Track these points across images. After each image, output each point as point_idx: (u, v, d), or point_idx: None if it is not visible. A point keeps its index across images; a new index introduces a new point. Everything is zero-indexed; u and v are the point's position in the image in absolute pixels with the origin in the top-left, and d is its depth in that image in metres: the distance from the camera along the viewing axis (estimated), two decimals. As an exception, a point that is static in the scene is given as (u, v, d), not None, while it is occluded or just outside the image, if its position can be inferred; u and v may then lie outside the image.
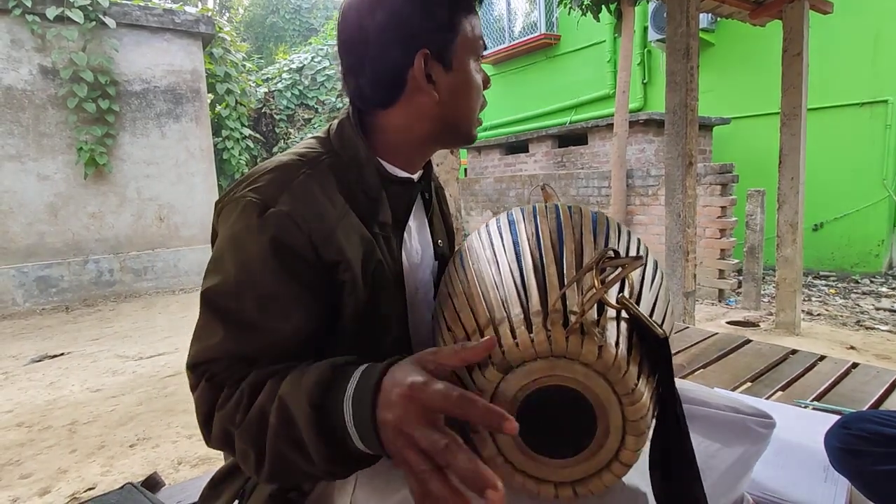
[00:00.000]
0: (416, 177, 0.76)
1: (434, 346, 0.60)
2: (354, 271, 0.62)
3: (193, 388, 0.60)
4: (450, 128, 0.72)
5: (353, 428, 0.48)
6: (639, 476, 0.54)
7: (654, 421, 0.51)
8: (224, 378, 0.58)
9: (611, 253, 0.50)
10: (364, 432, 0.47)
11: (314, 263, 0.60)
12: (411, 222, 0.75)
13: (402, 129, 0.70)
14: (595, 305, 0.49)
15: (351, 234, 0.63)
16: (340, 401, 0.49)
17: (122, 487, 1.05)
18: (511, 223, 0.66)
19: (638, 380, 0.46)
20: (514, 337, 0.48)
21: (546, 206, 0.69)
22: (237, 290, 0.59)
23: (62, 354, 3.49)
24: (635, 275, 0.58)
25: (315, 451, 0.50)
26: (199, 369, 0.59)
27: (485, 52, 0.76)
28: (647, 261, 0.63)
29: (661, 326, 0.49)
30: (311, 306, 0.60)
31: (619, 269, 0.49)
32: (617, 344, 0.47)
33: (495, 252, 0.62)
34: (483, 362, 0.48)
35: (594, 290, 0.47)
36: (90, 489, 1.84)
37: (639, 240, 0.68)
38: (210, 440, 0.59)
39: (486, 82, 0.74)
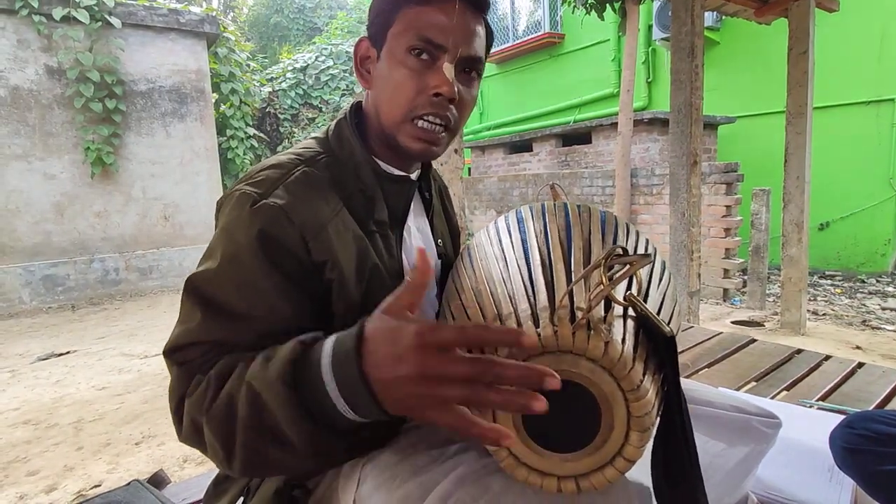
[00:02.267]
0: (413, 175, 0.76)
1: None
2: (342, 270, 0.62)
3: (169, 372, 0.59)
4: (381, 125, 0.68)
5: (338, 397, 0.45)
6: (642, 472, 0.54)
7: (658, 418, 0.51)
8: (197, 365, 0.57)
9: (619, 250, 0.51)
10: (355, 397, 0.44)
11: (303, 258, 0.60)
12: (411, 221, 0.75)
13: (371, 124, 0.71)
14: (602, 302, 0.49)
15: (343, 232, 0.64)
16: (318, 372, 0.46)
17: (128, 484, 1.07)
18: (520, 221, 0.67)
19: (643, 376, 0.47)
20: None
21: (555, 205, 0.69)
22: (220, 277, 0.59)
23: (68, 353, 3.51)
24: (643, 273, 0.58)
25: (296, 434, 0.48)
26: (174, 355, 0.58)
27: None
28: (654, 260, 0.63)
29: (668, 325, 0.49)
30: (297, 301, 0.60)
31: (627, 267, 0.49)
32: (623, 340, 0.47)
33: (503, 249, 0.62)
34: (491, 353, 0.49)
35: (602, 287, 0.47)
36: (96, 486, 1.85)
37: (647, 239, 0.68)
38: (180, 433, 0.57)
39: (441, 87, 0.63)
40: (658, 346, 0.49)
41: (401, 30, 0.64)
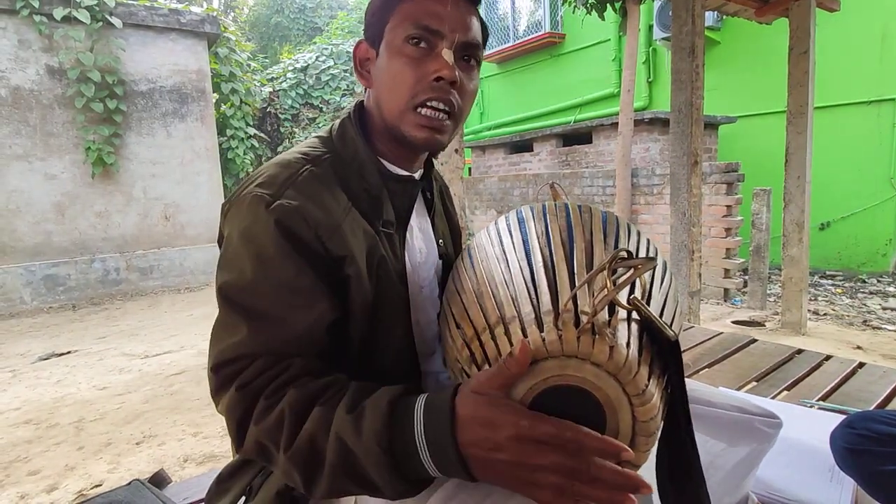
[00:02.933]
0: (416, 175, 0.76)
1: (441, 342, 0.60)
2: (359, 266, 0.62)
3: (217, 390, 0.58)
4: (384, 120, 0.69)
5: (433, 468, 0.48)
6: (647, 475, 0.54)
7: (662, 422, 0.51)
8: (258, 386, 0.56)
9: (623, 254, 0.50)
10: (448, 469, 0.48)
11: (324, 256, 0.60)
12: (413, 221, 0.75)
13: (374, 122, 0.72)
14: (606, 306, 0.49)
15: (356, 229, 0.64)
16: (413, 444, 0.49)
17: (129, 484, 1.07)
18: (521, 221, 0.66)
19: (648, 381, 0.46)
20: (526, 336, 0.49)
21: (556, 205, 0.68)
22: (256, 283, 0.58)
23: (69, 353, 3.52)
24: (646, 276, 0.58)
25: (385, 484, 0.50)
26: (225, 370, 0.57)
27: (489, 51, 0.74)
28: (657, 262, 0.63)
29: (671, 328, 0.49)
30: (329, 297, 0.60)
31: (632, 271, 0.49)
32: (628, 345, 0.47)
33: (505, 250, 0.62)
34: (494, 361, 0.49)
35: (606, 291, 0.47)
36: (97, 486, 1.85)
37: (648, 240, 0.67)
38: (241, 449, 0.57)
39: (441, 70, 0.63)
40: (662, 349, 0.49)
41: (397, 23, 0.65)
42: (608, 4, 3.93)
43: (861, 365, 1.63)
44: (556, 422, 0.44)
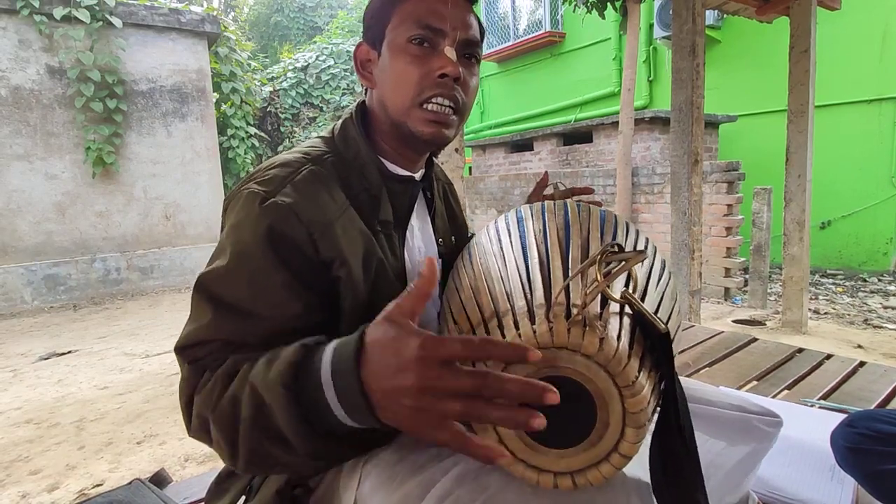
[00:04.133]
0: (417, 175, 0.77)
1: None
2: (351, 268, 0.62)
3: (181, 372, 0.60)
4: (390, 119, 0.69)
5: (336, 405, 0.46)
6: (640, 468, 0.54)
7: (655, 415, 0.51)
8: (207, 362, 0.58)
9: (615, 247, 0.51)
10: (352, 405, 0.44)
11: (311, 256, 0.60)
12: (413, 221, 0.76)
13: (377, 123, 0.72)
14: (599, 299, 0.49)
15: (350, 230, 0.64)
16: (317, 377, 0.46)
17: (129, 483, 1.07)
18: (519, 220, 0.67)
19: (639, 373, 0.47)
20: (517, 328, 0.49)
21: (555, 204, 0.69)
22: (229, 274, 0.59)
23: (70, 352, 3.52)
24: (641, 272, 0.58)
25: (294, 435, 0.48)
26: (185, 352, 0.59)
27: (489, 51, 0.75)
28: (654, 259, 0.63)
29: (665, 323, 0.49)
30: (307, 299, 0.60)
31: (623, 263, 0.49)
32: (619, 337, 0.47)
33: (502, 248, 0.62)
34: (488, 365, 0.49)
35: (597, 284, 0.48)
36: (98, 485, 1.85)
37: (647, 238, 0.68)
38: (189, 428, 0.59)
39: (445, 67, 0.65)
40: (655, 344, 0.49)
41: (399, 22, 0.66)
42: (608, 3, 3.93)
43: (862, 364, 1.63)
44: (462, 336, 0.41)
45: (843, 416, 0.96)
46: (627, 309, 0.51)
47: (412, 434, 0.43)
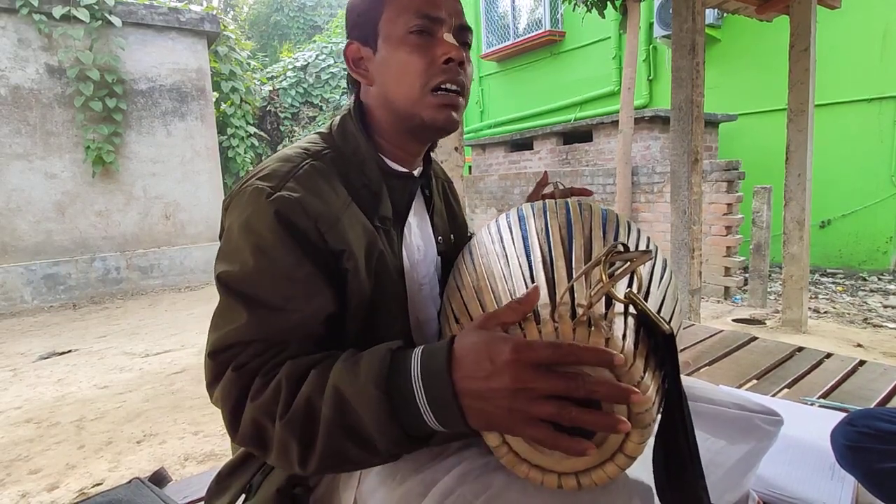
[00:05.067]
0: (416, 172, 0.77)
1: (441, 339, 0.60)
2: (358, 260, 0.62)
3: (215, 377, 0.58)
4: (396, 112, 0.69)
5: (427, 410, 0.48)
6: (643, 470, 0.54)
7: (659, 415, 0.51)
8: (255, 366, 0.56)
9: (619, 247, 0.51)
10: (442, 408, 0.47)
11: (323, 248, 0.61)
12: (411, 218, 0.75)
13: (376, 120, 0.72)
14: (603, 299, 0.49)
15: (355, 223, 0.64)
16: (408, 380, 0.49)
17: (129, 482, 1.07)
18: (521, 219, 0.67)
19: (644, 373, 0.47)
20: (522, 328, 0.49)
21: (556, 202, 0.69)
22: (256, 273, 0.58)
23: (70, 352, 3.52)
24: (644, 272, 0.58)
25: (380, 435, 0.50)
26: (223, 356, 0.57)
27: (489, 50, 0.75)
28: (656, 258, 0.63)
29: (668, 323, 0.49)
30: (327, 289, 0.61)
31: (628, 263, 0.49)
32: (624, 337, 0.47)
33: (504, 246, 0.62)
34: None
35: (602, 284, 0.48)
36: (98, 484, 1.85)
37: (648, 238, 0.68)
38: (236, 434, 0.56)
39: (450, 52, 0.66)
40: (659, 344, 0.49)
41: (394, 15, 0.66)
42: (608, 2, 3.93)
43: (861, 363, 1.63)
44: (551, 342, 0.44)
45: (842, 415, 0.96)
46: (631, 309, 0.51)
47: (504, 432, 0.47)
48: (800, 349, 1.77)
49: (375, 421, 0.49)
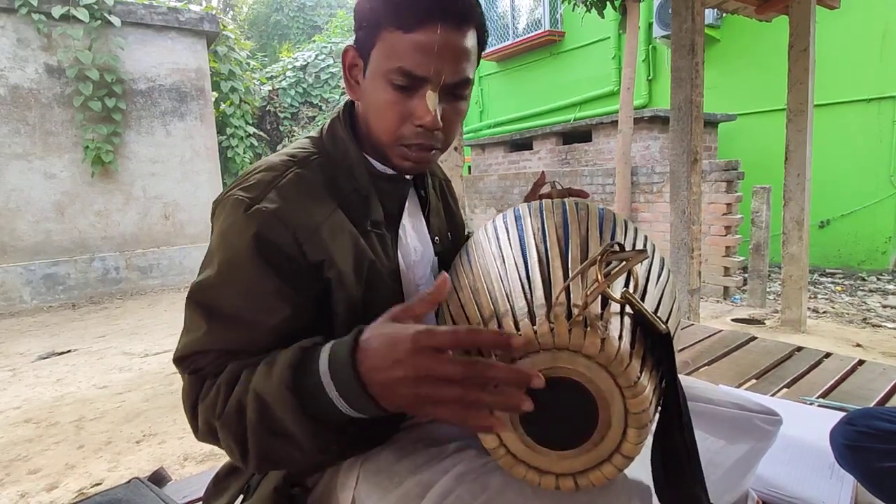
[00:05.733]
0: (408, 175, 0.76)
1: None
2: (341, 269, 0.62)
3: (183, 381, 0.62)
4: (373, 137, 0.67)
5: (337, 397, 0.49)
6: (642, 470, 0.54)
7: (657, 415, 0.51)
8: (209, 371, 0.59)
9: (615, 247, 0.50)
10: (353, 398, 0.48)
11: (300, 261, 0.61)
12: (405, 220, 0.75)
13: (364, 127, 0.70)
14: (599, 299, 0.49)
15: (338, 232, 0.63)
16: (317, 376, 0.50)
17: (128, 482, 1.06)
18: (517, 219, 0.67)
19: (640, 373, 0.46)
20: (518, 329, 0.49)
21: (552, 202, 0.69)
22: (220, 284, 0.60)
23: (69, 351, 3.52)
24: (641, 271, 0.58)
25: (300, 430, 0.52)
26: (184, 363, 0.60)
27: (488, 50, 0.74)
28: (653, 257, 0.63)
29: (665, 322, 0.49)
30: (296, 303, 0.60)
31: (623, 263, 0.49)
32: (620, 337, 0.47)
33: (501, 247, 0.62)
34: (487, 354, 0.49)
35: (597, 284, 0.47)
36: (97, 484, 1.85)
37: (646, 236, 0.68)
38: (197, 433, 0.60)
39: (423, 118, 0.62)
40: (656, 343, 0.49)
41: (382, 54, 0.62)
42: (608, 2, 3.93)
43: (861, 362, 1.63)
44: (450, 327, 0.45)
45: (842, 415, 0.96)
46: (628, 309, 0.50)
47: (415, 414, 0.48)
48: (799, 349, 1.78)
49: (291, 420, 0.51)
